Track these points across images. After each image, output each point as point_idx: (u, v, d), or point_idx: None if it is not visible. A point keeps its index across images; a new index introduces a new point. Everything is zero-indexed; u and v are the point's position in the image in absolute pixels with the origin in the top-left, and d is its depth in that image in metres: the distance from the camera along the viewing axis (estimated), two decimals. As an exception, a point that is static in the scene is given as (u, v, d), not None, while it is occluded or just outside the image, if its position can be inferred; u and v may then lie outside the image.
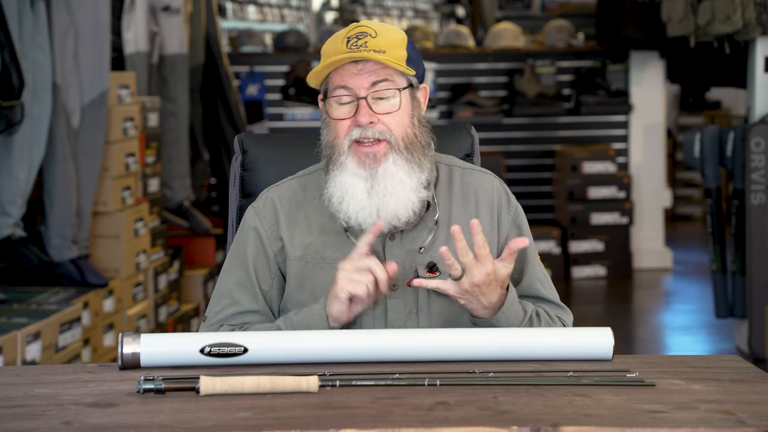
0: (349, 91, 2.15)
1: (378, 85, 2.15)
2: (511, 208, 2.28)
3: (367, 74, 2.15)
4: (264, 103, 7.67)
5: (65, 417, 1.66)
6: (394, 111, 2.16)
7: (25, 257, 4.43)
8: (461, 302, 2.10)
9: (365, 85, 2.15)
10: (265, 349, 1.94)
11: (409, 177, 2.15)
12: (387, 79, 2.16)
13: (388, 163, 2.14)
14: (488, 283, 2.07)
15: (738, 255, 5.39)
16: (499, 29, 7.90)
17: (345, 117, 2.16)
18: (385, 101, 2.16)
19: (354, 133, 2.14)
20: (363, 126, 2.14)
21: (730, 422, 1.64)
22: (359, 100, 2.14)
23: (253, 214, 2.25)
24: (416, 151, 2.17)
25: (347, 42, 2.15)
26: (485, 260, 2.06)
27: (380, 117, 2.15)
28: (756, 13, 5.36)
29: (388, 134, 2.15)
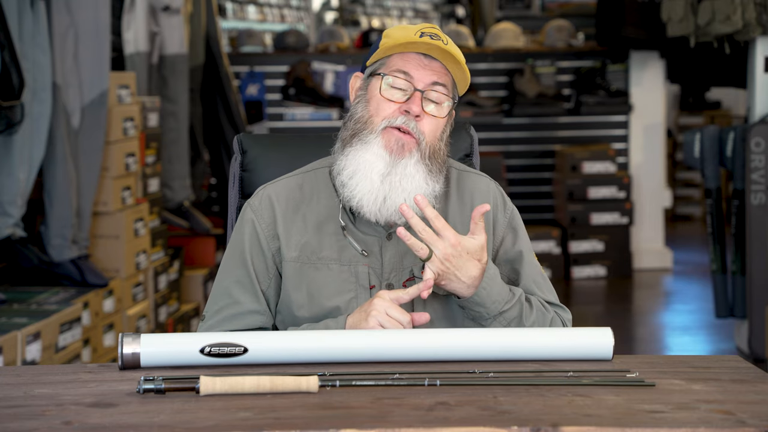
0: (409, 79, 2.16)
1: (438, 87, 2.16)
2: (507, 211, 2.28)
3: (432, 71, 2.16)
4: (264, 103, 7.67)
5: (65, 417, 1.66)
6: (439, 117, 2.17)
7: (25, 257, 4.43)
8: (442, 283, 2.10)
9: (427, 81, 2.16)
10: (265, 349, 1.94)
11: (425, 183, 2.16)
12: (446, 85, 2.18)
13: (411, 161, 2.14)
14: (457, 255, 2.07)
15: (738, 255, 5.39)
16: (499, 29, 7.90)
17: (395, 100, 2.16)
18: (434, 105, 2.17)
19: (398, 120, 2.15)
20: (410, 115, 2.14)
21: (730, 422, 1.64)
22: (415, 92, 2.15)
23: (251, 211, 2.24)
24: (436, 163, 2.18)
25: (421, 35, 2.15)
26: (445, 231, 2.07)
27: (425, 116, 2.16)
28: (756, 13, 5.36)
29: (422, 136, 2.16)
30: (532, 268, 2.26)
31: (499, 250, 2.25)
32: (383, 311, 2.06)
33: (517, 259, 2.25)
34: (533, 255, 2.28)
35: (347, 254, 2.19)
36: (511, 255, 2.25)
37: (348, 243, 2.18)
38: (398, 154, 2.14)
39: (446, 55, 2.16)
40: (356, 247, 2.18)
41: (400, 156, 2.14)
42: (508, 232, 2.26)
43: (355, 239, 2.19)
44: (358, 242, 2.19)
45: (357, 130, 2.18)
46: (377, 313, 2.06)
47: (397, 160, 2.14)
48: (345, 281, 2.17)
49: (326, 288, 2.17)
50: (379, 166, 2.14)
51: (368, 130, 2.16)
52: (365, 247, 2.19)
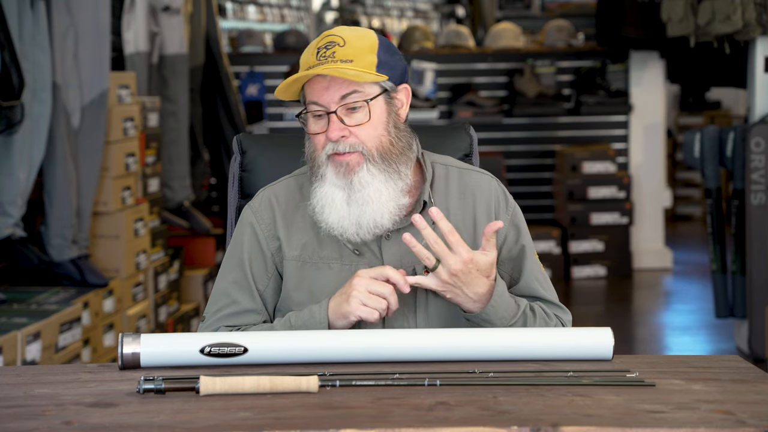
0: (320, 106, 2.15)
1: (347, 98, 2.14)
2: (509, 209, 2.28)
3: (336, 87, 2.14)
4: (264, 103, 7.67)
5: (65, 417, 1.66)
6: (365, 122, 2.15)
7: (25, 257, 4.43)
8: (447, 296, 2.10)
9: (335, 99, 2.14)
10: (265, 349, 1.94)
11: (385, 186, 2.15)
12: (356, 90, 2.14)
13: (363, 173, 2.14)
14: (467, 271, 2.07)
15: (738, 255, 5.39)
16: (499, 29, 7.90)
17: (320, 131, 2.16)
18: (355, 113, 2.15)
19: (328, 148, 2.15)
20: (335, 141, 2.14)
21: (730, 422, 1.64)
22: (329, 115, 2.14)
23: (250, 213, 2.25)
24: (393, 159, 2.16)
25: (317, 53, 2.14)
26: (459, 247, 2.06)
27: (352, 129, 2.14)
28: (756, 13, 5.36)
29: (360, 146, 2.14)
30: (534, 266, 2.26)
31: (502, 248, 2.25)
32: (363, 289, 2.05)
33: (520, 257, 2.25)
34: (535, 253, 2.28)
35: (348, 253, 2.19)
36: (514, 253, 2.25)
37: (344, 246, 2.18)
38: (347, 174, 2.14)
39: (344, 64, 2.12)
40: (348, 246, 2.18)
41: (350, 174, 2.14)
42: (511, 230, 2.26)
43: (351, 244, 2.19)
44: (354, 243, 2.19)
45: (312, 168, 2.19)
46: (357, 292, 2.06)
47: (349, 179, 2.14)
48: (345, 280, 2.17)
49: (327, 287, 2.17)
50: (339, 193, 2.15)
51: (317, 165, 2.17)
52: (363, 246, 2.18)
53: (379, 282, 2.07)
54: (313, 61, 2.14)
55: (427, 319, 2.18)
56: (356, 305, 2.06)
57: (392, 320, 2.17)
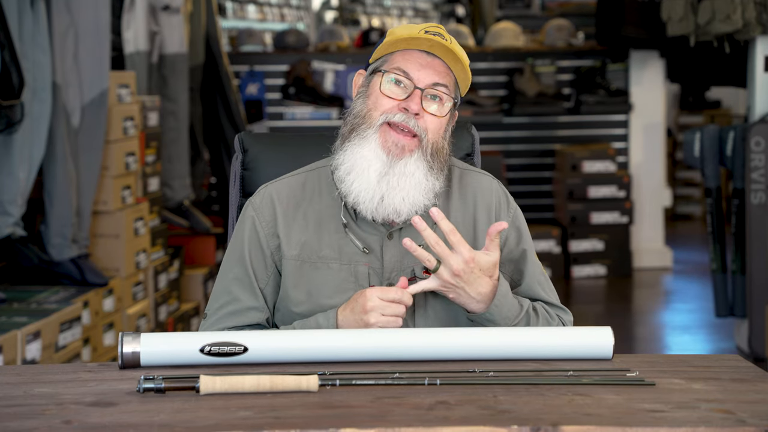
0: (410, 77, 2.15)
1: (438, 87, 2.16)
2: (510, 210, 2.28)
3: (433, 71, 2.16)
4: (264, 102, 7.66)
5: (65, 416, 1.66)
6: (438, 117, 2.16)
7: (25, 256, 4.43)
8: (450, 296, 2.10)
9: (428, 80, 2.15)
10: (265, 349, 1.94)
11: (426, 180, 2.15)
12: (447, 85, 2.17)
13: (411, 160, 2.14)
14: (469, 271, 2.06)
15: (738, 254, 5.39)
16: (499, 28, 7.90)
17: (394, 97, 2.15)
18: (435, 104, 2.16)
19: (396, 117, 2.14)
20: (409, 113, 2.14)
21: (730, 421, 1.64)
22: (415, 90, 2.14)
23: (251, 209, 2.25)
24: (438, 160, 2.17)
25: (425, 32, 2.15)
26: (460, 247, 2.06)
27: (426, 115, 2.15)
28: (756, 12, 5.36)
29: (424, 133, 2.15)
30: (535, 268, 2.26)
31: (503, 250, 2.24)
32: (379, 314, 2.06)
33: (521, 259, 2.25)
34: (535, 254, 2.28)
35: (347, 253, 2.19)
36: (515, 254, 2.25)
37: (349, 240, 2.18)
38: (397, 156, 2.14)
39: (449, 54, 2.16)
40: (357, 245, 2.18)
41: (399, 157, 2.14)
42: (512, 232, 2.26)
43: (356, 237, 2.19)
44: (359, 240, 2.18)
45: (355, 125, 2.17)
46: (375, 320, 2.06)
47: (395, 161, 2.14)
48: (344, 280, 2.17)
49: (325, 287, 2.17)
50: (377, 165, 2.13)
51: (366, 124, 2.16)
52: (366, 245, 2.18)
53: (388, 288, 2.07)
54: (420, 35, 2.15)
55: (426, 320, 2.17)
56: (377, 317, 2.06)
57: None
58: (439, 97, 2.16)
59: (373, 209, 2.14)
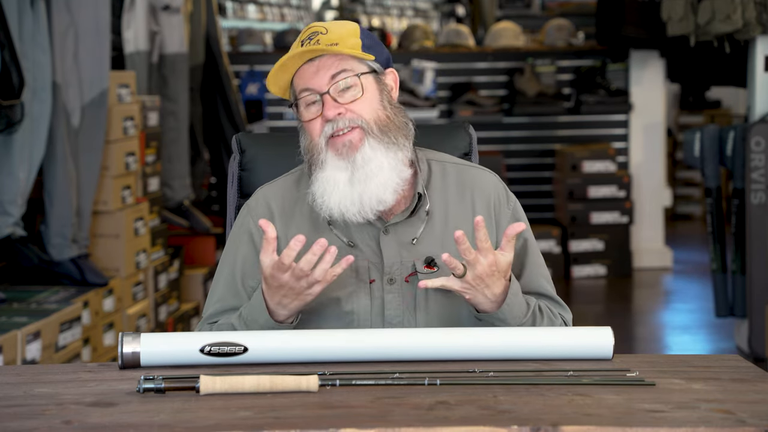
0: (312, 91, 2.16)
1: (337, 77, 2.16)
2: (510, 204, 2.27)
3: (324, 70, 2.16)
4: (264, 102, 7.66)
5: (65, 416, 1.66)
6: (360, 97, 2.16)
7: (25, 256, 4.43)
8: (466, 297, 2.09)
9: (325, 81, 2.16)
10: (265, 349, 1.94)
11: (386, 158, 2.15)
12: (345, 69, 2.16)
13: (366, 149, 2.15)
14: (491, 274, 2.05)
15: (738, 254, 5.39)
16: (499, 28, 7.90)
17: (315, 116, 2.16)
18: (348, 91, 2.16)
19: (327, 129, 2.15)
20: (332, 119, 2.14)
21: (730, 422, 1.64)
22: (323, 96, 2.15)
23: (247, 213, 2.26)
24: (392, 132, 2.17)
25: (301, 45, 2.17)
26: (487, 252, 2.05)
27: (347, 106, 2.15)
28: (756, 12, 5.36)
29: (359, 120, 2.15)
30: (537, 260, 2.25)
31: (502, 243, 2.24)
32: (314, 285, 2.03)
33: (522, 252, 2.24)
34: (537, 247, 2.27)
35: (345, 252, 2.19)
36: (517, 248, 2.25)
37: (336, 237, 2.18)
38: (351, 153, 2.15)
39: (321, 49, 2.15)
40: (342, 239, 2.18)
41: (354, 152, 2.14)
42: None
43: (344, 234, 2.19)
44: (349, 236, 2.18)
45: (310, 159, 2.19)
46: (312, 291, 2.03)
47: (350, 158, 2.14)
48: (344, 275, 2.16)
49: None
50: (342, 175, 2.14)
51: (316, 153, 2.17)
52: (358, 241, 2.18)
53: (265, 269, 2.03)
54: (298, 50, 2.16)
55: (427, 316, 2.17)
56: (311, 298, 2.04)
57: (392, 317, 2.16)
58: (346, 84, 2.16)
59: (357, 212, 2.15)
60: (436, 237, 2.20)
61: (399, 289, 2.17)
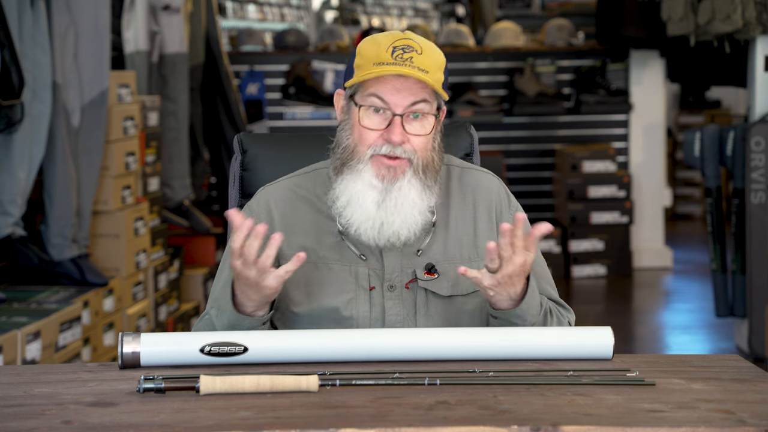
0: (385, 105, 2.12)
1: (416, 105, 2.13)
2: (512, 208, 2.27)
3: (408, 92, 2.12)
4: (264, 102, 7.66)
5: (65, 416, 1.66)
6: (424, 134, 2.14)
7: (25, 256, 4.43)
8: (490, 294, 2.08)
9: (404, 103, 2.12)
10: (265, 349, 1.94)
11: (420, 199, 2.14)
12: (425, 100, 2.13)
13: (404, 182, 2.13)
14: (519, 273, 2.05)
15: (738, 254, 5.39)
16: (499, 28, 7.89)
17: (376, 128, 2.13)
18: (417, 122, 2.14)
19: (383, 149, 2.12)
20: (394, 144, 2.12)
21: (731, 422, 1.64)
22: (395, 117, 2.12)
23: (248, 213, 2.25)
24: (430, 174, 2.16)
25: (393, 52, 2.12)
26: (520, 252, 2.03)
27: (410, 137, 2.13)
28: (756, 12, 5.36)
29: (413, 155, 2.13)
30: (540, 263, 2.25)
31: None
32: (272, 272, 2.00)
33: None
34: (539, 250, 2.27)
35: (348, 254, 2.19)
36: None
37: (346, 246, 2.18)
38: (391, 181, 2.13)
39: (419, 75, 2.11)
40: (355, 251, 2.18)
41: (393, 181, 2.13)
42: (516, 229, 2.26)
43: (352, 243, 2.19)
44: (355, 245, 2.18)
45: (345, 159, 2.16)
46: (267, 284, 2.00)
47: (390, 185, 2.13)
48: (344, 281, 2.17)
49: (325, 287, 2.17)
50: (373, 195, 2.13)
51: (356, 159, 2.15)
52: (362, 250, 2.18)
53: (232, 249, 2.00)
54: (387, 59, 2.11)
55: (427, 321, 2.17)
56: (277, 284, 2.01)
57: (392, 323, 2.16)
58: (420, 115, 2.14)
59: (374, 236, 2.14)
60: (438, 242, 2.20)
61: (399, 296, 2.17)
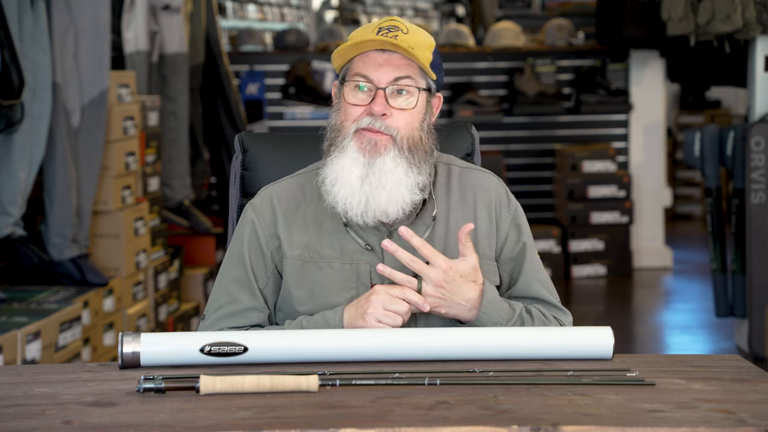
0: (369, 80, 2.15)
1: (400, 81, 2.15)
2: (511, 207, 2.28)
3: (391, 67, 2.15)
4: (264, 102, 7.66)
5: (65, 416, 1.66)
6: (409, 109, 2.16)
7: (26, 256, 4.43)
8: (443, 312, 2.10)
9: (387, 78, 2.15)
10: (265, 349, 1.94)
11: (406, 176, 2.15)
12: (409, 76, 2.16)
13: (388, 158, 2.14)
14: (451, 280, 2.07)
15: (738, 254, 5.39)
16: (499, 28, 7.89)
17: (360, 104, 2.16)
18: (402, 98, 2.16)
19: (363, 121, 2.15)
20: (375, 115, 2.14)
21: (730, 422, 1.64)
22: (378, 90, 2.14)
23: (251, 211, 2.25)
24: (418, 154, 2.17)
25: (378, 31, 2.15)
26: (435, 258, 2.07)
27: (394, 111, 2.15)
28: (756, 12, 5.36)
29: (395, 131, 2.15)
30: (535, 265, 2.25)
31: (504, 248, 2.24)
32: (380, 306, 2.06)
33: (520, 256, 2.25)
34: (536, 252, 2.28)
35: (349, 252, 2.19)
36: (515, 252, 2.25)
37: (350, 239, 2.18)
38: (372, 154, 2.14)
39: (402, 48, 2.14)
40: (359, 242, 2.18)
41: (375, 155, 2.14)
42: (512, 229, 2.26)
43: (357, 235, 2.19)
44: (360, 237, 2.19)
45: (332, 138, 2.19)
46: (374, 310, 2.06)
47: (372, 159, 2.14)
48: (346, 279, 2.17)
49: (328, 286, 2.17)
50: (356, 170, 2.14)
51: (341, 136, 2.17)
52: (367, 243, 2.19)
53: (396, 300, 2.07)
54: (372, 37, 2.14)
55: (427, 320, 2.17)
56: (371, 322, 2.07)
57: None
58: (405, 91, 2.16)
59: (360, 213, 2.15)
60: (438, 240, 2.20)
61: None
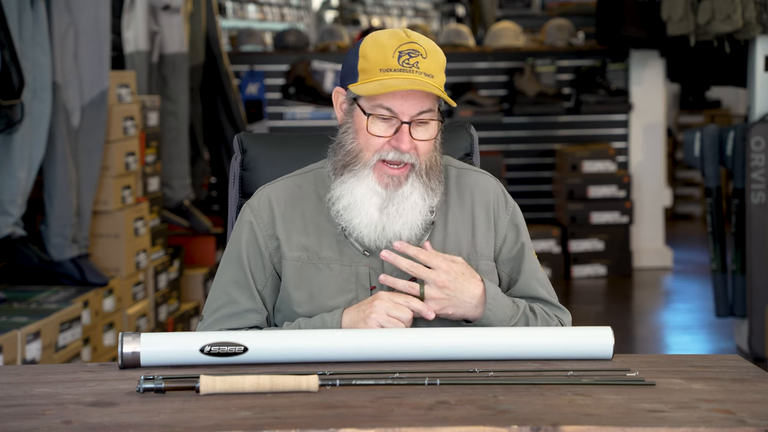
0: (393, 113, 2.13)
1: (423, 114, 2.14)
2: (509, 208, 2.28)
3: (415, 100, 2.12)
4: (264, 102, 7.66)
5: (65, 416, 1.66)
6: (430, 139, 2.15)
7: (25, 256, 4.43)
8: (450, 313, 2.11)
9: (412, 112, 2.13)
10: (265, 349, 1.94)
11: (422, 200, 2.16)
12: (431, 109, 2.15)
13: (407, 186, 2.15)
14: (453, 279, 2.09)
15: (738, 254, 5.39)
16: (499, 28, 7.89)
17: (382, 135, 2.13)
18: (422, 128, 2.15)
19: (389, 155, 2.13)
20: (402, 152, 2.13)
21: (731, 421, 1.64)
22: (402, 125, 2.12)
23: (249, 212, 2.25)
24: (434, 176, 2.17)
25: (399, 58, 2.12)
26: (435, 260, 2.10)
27: (416, 143, 2.14)
28: (756, 12, 5.36)
29: (416, 160, 2.15)
30: (533, 266, 2.26)
31: (502, 249, 2.25)
32: (383, 312, 2.06)
33: (518, 257, 2.25)
34: (533, 252, 2.28)
35: (348, 254, 2.19)
36: (513, 253, 2.25)
37: (349, 244, 2.18)
38: (395, 188, 2.15)
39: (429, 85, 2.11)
40: (358, 248, 2.18)
41: (397, 188, 2.15)
42: (511, 230, 2.26)
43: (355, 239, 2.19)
44: (359, 242, 2.19)
45: (348, 162, 2.17)
46: (377, 315, 2.06)
47: (393, 191, 2.14)
48: (345, 281, 2.17)
49: (327, 287, 2.17)
50: (375, 200, 2.15)
51: (360, 164, 2.15)
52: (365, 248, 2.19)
53: (400, 306, 2.07)
54: (395, 65, 2.11)
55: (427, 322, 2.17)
56: (380, 314, 2.07)
57: (392, 327, 2.17)
58: (425, 123, 2.15)
59: (376, 238, 2.16)
60: (437, 242, 2.20)
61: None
